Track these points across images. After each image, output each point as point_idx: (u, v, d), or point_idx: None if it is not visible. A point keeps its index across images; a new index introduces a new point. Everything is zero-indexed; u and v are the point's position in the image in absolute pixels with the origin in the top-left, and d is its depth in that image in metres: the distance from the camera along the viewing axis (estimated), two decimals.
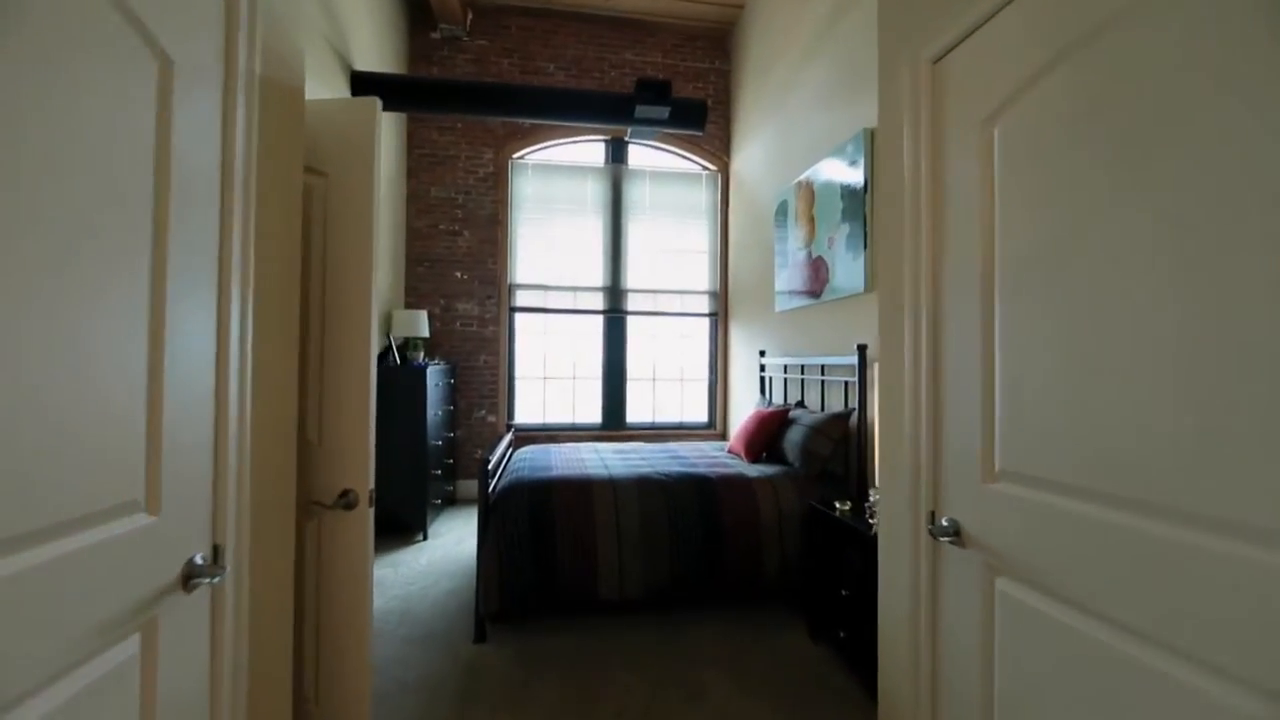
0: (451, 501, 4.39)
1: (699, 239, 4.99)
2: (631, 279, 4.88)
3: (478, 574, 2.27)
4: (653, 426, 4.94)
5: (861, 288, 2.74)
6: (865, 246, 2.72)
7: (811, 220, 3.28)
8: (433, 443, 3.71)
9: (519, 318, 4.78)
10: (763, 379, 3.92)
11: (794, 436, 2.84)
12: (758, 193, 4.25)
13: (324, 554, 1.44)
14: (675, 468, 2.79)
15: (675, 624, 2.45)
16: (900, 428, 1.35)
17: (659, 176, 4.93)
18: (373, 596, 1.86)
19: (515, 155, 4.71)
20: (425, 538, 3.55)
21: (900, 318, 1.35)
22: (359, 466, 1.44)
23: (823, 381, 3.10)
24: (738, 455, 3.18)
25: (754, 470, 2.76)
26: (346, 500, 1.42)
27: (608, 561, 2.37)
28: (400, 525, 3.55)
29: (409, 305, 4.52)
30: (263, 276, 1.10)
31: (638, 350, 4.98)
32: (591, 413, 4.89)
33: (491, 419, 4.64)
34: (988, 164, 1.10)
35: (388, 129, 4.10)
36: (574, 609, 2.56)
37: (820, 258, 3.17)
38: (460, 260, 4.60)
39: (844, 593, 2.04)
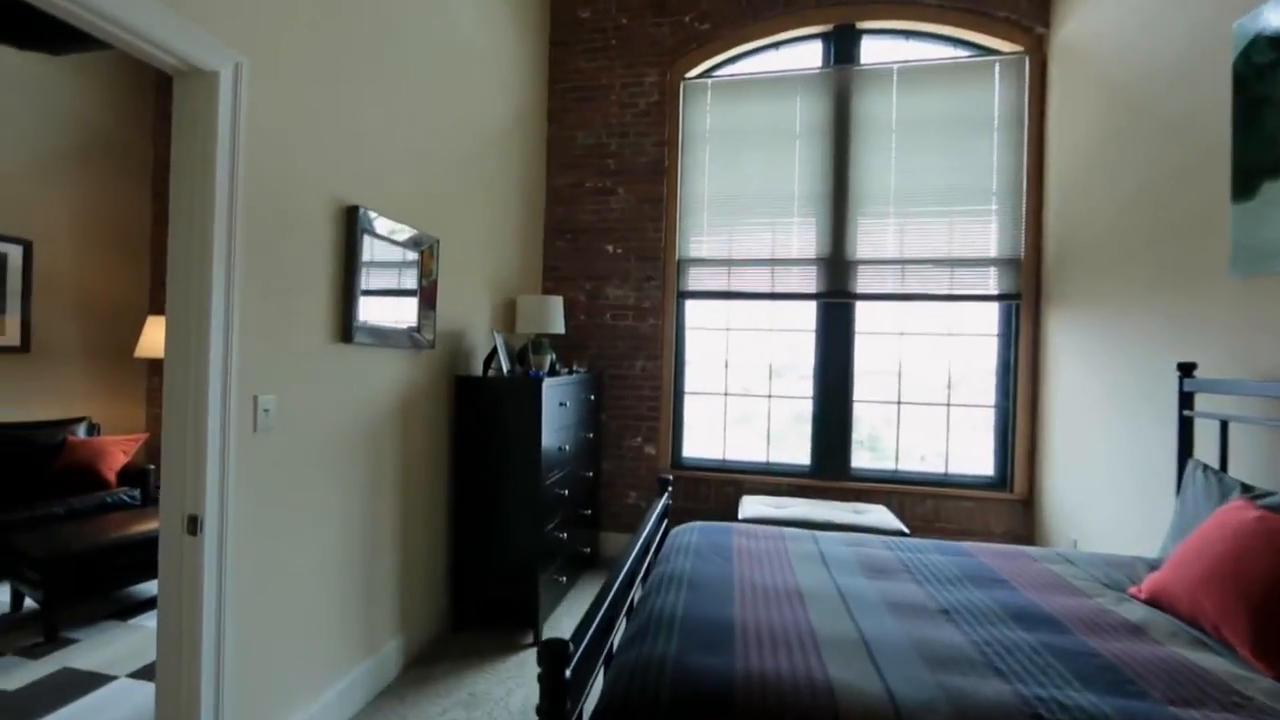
0: (591, 564, 3.15)
1: (982, 174, 3.00)
2: (863, 245, 3.11)
3: None
4: (895, 478, 3.09)
5: None
6: None
7: None
8: (555, 490, 2.48)
9: (690, 307, 3.36)
10: (1185, 421, 1.86)
11: None
12: (1147, 62, 2.17)
13: None
14: (1073, 696, 1.04)
15: None
16: None
17: (913, 75, 3.06)
18: None
19: (688, 74, 3.30)
20: (536, 639, 2.32)
21: None
22: None
23: None
24: (1190, 622, 1.29)
25: None
26: None
27: None
28: (503, 616, 2.38)
29: (546, 290, 3.42)
30: None
31: (871, 355, 3.18)
32: (796, 449, 3.24)
33: (650, 449, 3.29)
34: None
35: (520, 56, 3.01)
36: None
37: None
38: (612, 228, 3.35)
39: None
